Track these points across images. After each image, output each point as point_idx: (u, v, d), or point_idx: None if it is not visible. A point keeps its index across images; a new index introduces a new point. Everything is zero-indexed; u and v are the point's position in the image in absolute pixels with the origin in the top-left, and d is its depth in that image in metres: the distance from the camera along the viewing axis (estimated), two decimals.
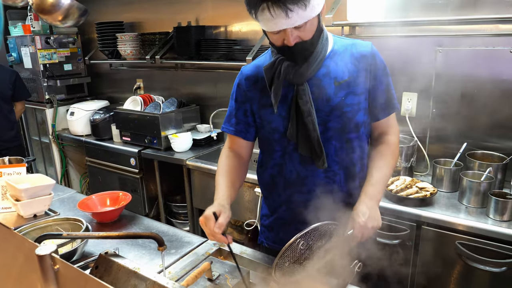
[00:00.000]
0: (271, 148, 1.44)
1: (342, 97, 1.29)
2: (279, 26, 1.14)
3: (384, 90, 1.34)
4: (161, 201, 3.21)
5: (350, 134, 1.33)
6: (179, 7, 3.30)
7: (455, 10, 2.08)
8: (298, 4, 1.09)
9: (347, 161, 1.36)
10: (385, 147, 1.38)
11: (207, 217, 1.25)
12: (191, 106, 3.32)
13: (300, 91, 1.28)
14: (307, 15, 1.13)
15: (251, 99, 1.41)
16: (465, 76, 2.12)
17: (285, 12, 1.09)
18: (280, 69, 1.27)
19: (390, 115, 1.38)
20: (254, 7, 1.13)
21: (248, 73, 1.42)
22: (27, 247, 0.88)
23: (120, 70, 3.98)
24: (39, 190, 1.75)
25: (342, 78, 1.29)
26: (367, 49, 1.31)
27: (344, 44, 1.33)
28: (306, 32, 1.18)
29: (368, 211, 1.24)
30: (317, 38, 1.24)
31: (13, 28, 3.95)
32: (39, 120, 4.17)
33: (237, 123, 1.46)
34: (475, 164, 2.03)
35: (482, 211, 1.85)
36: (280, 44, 1.22)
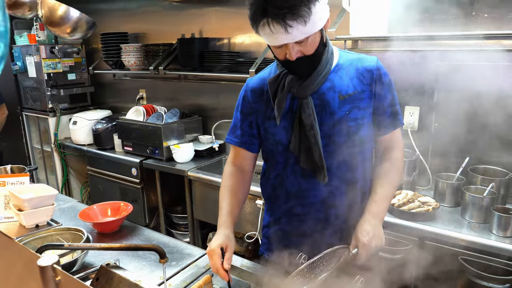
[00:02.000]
0: (274, 160, 1.44)
1: (346, 111, 1.29)
2: (280, 41, 1.15)
3: (389, 105, 1.34)
4: (162, 212, 3.20)
5: (354, 148, 1.32)
6: (183, 19, 3.34)
7: (457, 25, 2.09)
8: (297, 20, 1.10)
9: (349, 176, 1.35)
10: (389, 164, 1.37)
11: (214, 252, 1.29)
12: (194, 117, 3.33)
13: (304, 105, 1.28)
14: (307, 30, 1.13)
15: (256, 111, 1.42)
16: (467, 90, 2.12)
17: (284, 28, 1.10)
18: (284, 82, 1.28)
19: (394, 130, 1.37)
20: (256, 22, 1.15)
21: (254, 85, 1.43)
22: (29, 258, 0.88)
23: (123, 80, 4.01)
24: (42, 200, 1.75)
25: (346, 92, 1.30)
26: (372, 63, 1.32)
27: (349, 59, 1.34)
28: (307, 47, 1.19)
29: (372, 230, 1.24)
30: (320, 53, 1.25)
31: (19, 38, 3.99)
32: (41, 129, 4.18)
33: (242, 135, 1.46)
34: (477, 179, 2.02)
35: (485, 226, 1.83)
36: (282, 58, 1.23)
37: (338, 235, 1.38)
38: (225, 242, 1.32)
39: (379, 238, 1.26)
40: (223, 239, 1.32)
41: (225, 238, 1.33)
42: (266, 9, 1.10)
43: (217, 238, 1.33)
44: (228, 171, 1.50)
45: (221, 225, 1.38)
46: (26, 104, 4.18)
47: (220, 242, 1.31)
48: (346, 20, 2.27)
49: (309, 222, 1.39)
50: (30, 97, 4.08)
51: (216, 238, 1.34)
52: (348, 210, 1.37)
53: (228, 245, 1.32)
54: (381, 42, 2.33)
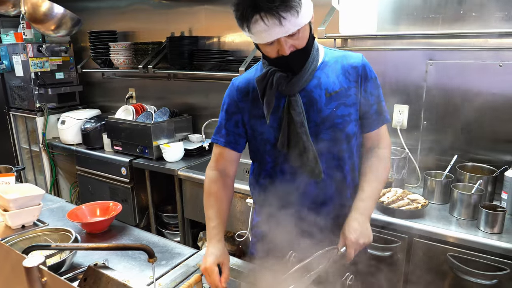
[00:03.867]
0: (262, 160, 1.44)
1: (333, 109, 1.30)
2: (273, 36, 1.14)
3: (374, 102, 1.34)
4: (152, 211, 3.18)
5: (341, 145, 1.33)
6: (173, 18, 3.32)
7: (446, 24, 2.11)
8: (291, 11, 1.10)
9: (338, 173, 1.36)
10: (376, 161, 1.38)
11: (211, 271, 1.29)
12: (183, 116, 3.32)
13: (293, 102, 1.28)
14: (299, 22, 1.13)
15: (242, 110, 1.41)
16: (455, 89, 2.15)
17: (278, 20, 1.09)
18: (272, 80, 1.27)
19: (380, 127, 1.38)
20: (247, 20, 1.13)
21: (240, 85, 1.42)
22: (14, 259, 0.86)
23: (112, 79, 3.97)
24: (28, 200, 1.72)
25: (333, 89, 1.30)
26: (358, 60, 1.32)
27: (335, 56, 1.34)
28: (300, 40, 1.19)
29: (359, 228, 1.25)
30: (311, 46, 1.24)
31: (5, 36, 3.92)
32: (29, 128, 4.13)
33: (227, 134, 1.45)
34: (465, 176, 2.04)
35: (472, 223, 1.86)
36: (274, 55, 1.22)
37: (330, 232, 1.38)
38: (221, 258, 1.32)
39: (367, 235, 1.27)
40: (217, 255, 1.32)
41: (220, 253, 1.33)
42: (257, 4, 1.09)
43: (211, 254, 1.33)
44: (211, 177, 1.48)
45: (213, 238, 1.37)
46: (14, 104, 4.11)
47: (215, 259, 1.31)
48: (335, 18, 2.27)
49: (300, 220, 1.38)
50: (17, 96, 4.02)
51: (211, 253, 1.33)
52: (339, 207, 1.38)
53: (224, 261, 1.33)
54: (370, 41, 2.35)
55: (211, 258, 1.31)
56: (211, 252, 1.33)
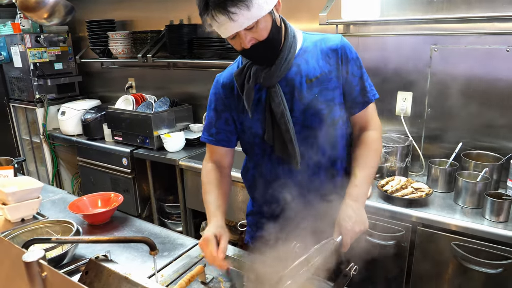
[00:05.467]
0: (252, 151, 1.45)
1: (315, 95, 1.28)
2: (229, 31, 1.13)
3: (357, 83, 1.32)
4: (154, 202, 3.17)
5: (328, 131, 1.31)
6: (171, 5, 3.26)
7: (451, 9, 2.06)
8: (238, 6, 1.07)
9: (326, 159, 1.35)
10: (366, 145, 1.36)
11: (208, 241, 1.27)
12: (184, 106, 3.29)
13: (272, 93, 1.27)
14: (253, 15, 1.10)
15: (229, 106, 1.40)
16: (460, 75, 2.11)
17: (227, 16, 1.08)
18: (250, 73, 1.26)
19: (365, 107, 1.35)
20: (203, 18, 1.15)
21: (224, 81, 1.41)
22: (14, 253, 0.85)
23: (111, 69, 3.93)
24: (26, 193, 1.70)
25: (314, 75, 1.28)
26: (336, 42, 1.29)
27: (313, 41, 1.32)
28: (259, 32, 1.16)
29: (354, 215, 1.23)
30: (276, 36, 1.21)
31: (3, 27, 3.88)
32: (29, 120, 4.11)
33: (218, 133, 1.45)
34: (470, 164, 2.02)
35: (477, 211, 1.84)
36: (240, 48, 1.21)
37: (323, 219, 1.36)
38: (219, 231, 1.30)
39: (362, 222, 1.24)
40: (216, 228, 1.31)
41: (218, 227, 1.32)
42: (207, 3, 1.10)
43: (209, 228, 1.32)
44: (207, 169, 1.49)
45: (212, 217, 1.37)
46: (13, 95, 4.09)
47: (213, 231, 1.29)
48: (337, 4, 2.22)
49: (290, 208, 1.37)
50: (16, 87, 3.99)
51: (209, 228, 1.32)
52: (330, 193, 1.35)
53: (222, 234, 1.30)
54: (373, 26, 2.30)
55: (208, 231, 1.30)
56: (209, 227, 1.33)
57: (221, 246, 1.27)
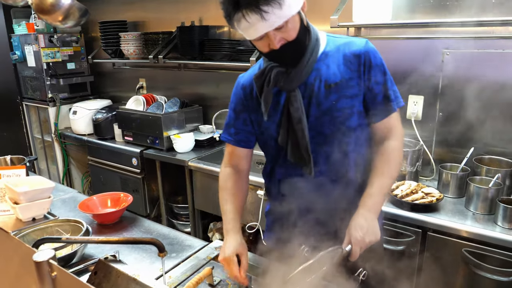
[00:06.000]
0: (268, 153, 1.45)
1: (333, 101, 1.25)
2: (259, 31, 1.11)
3: (380, 90, 1.27)
4: (163, 202, 3.19)
5: (344, 139, 1.28)
6: (183, 7, 3.28)
7: (464, 12, 2.04)
8: (271, 4, 1.05)
9: (340, 167, 1.32)
10: (386, 154, 1.32)
11: (230, 261, 1.30)
12: (194, 107, 3.30)
13: (291, 98, 1.25)
14: (284, 14, 1.09)
15: (248, 107, 1.40)
16: (473, 79, 2.08)
17: (260, 14, 1.06)
18: (270, 77, 1.24)
19: (388, 117, 1.31)
20: (231, 19, 1.12)
21: (244, 82, 1.41)
22: (25, 252, 0.86)
23: (123, 70, 3.96)
24: (38, 193, 1.72)
25: (333, 81, 1.25)
26: (360, 47, 1.25)
27: (337, 45, 1.28)
28: (289, 32, 1.14)
29: (366, 225, 1.21)
30: (303, 36, 1.19)
31: (17, 27, 3.94)
32: (41, 119, 4.16)
33: (237, 133, 1.45)
34: (482, 169, 1.99)
35: (489, 218, 1.81)
36: (267, 50, 1.19)
37: (333, 226, 1.35)
38: (240, 249, 1.32)
39: (374, 233, 1.22)
40: (236, 246, 1.33)
41: (238, 244, 1.34)
42: (237, 2, 1.08)
43: (230, 245, 1.33)
44: (225, 174, 1.49)
45: (230, 230, 1.37)
46: (26, 94, 4.15)
47: (234, 250, 1.31)
48: (348, 6, 2.21)
49: (302, 213, 1.36)
50: (29, 86, 4.05)
51: (229, 244, 1.33)
52: (342, 201, 1.33)
53: (243, 252, 1.32)
54: (385, 29, 2.28)
55: (229, 249, 1.31)
56: (229, 243, 1.34)
57: (242, 264, 1.30)
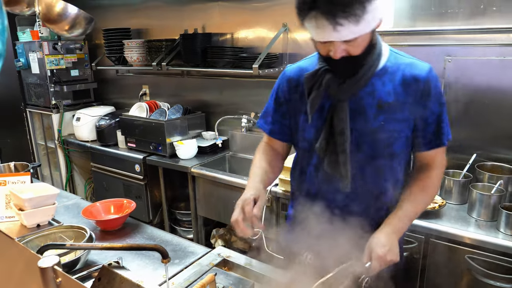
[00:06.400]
0: (299, 154, 1.40)
1: (381, 122, 1.20)
2: (326, 37, 1.05)
3: (434, 121, 1.23)
4: (165, 208, 3.19)
5: (384, 161, 1.25)
6: (186, 14, 3.31)
7: (465, 19, 2.05)
8: (349, 19, 0.98)
9: (373, 187, 1.28)
10: (425, 182, 1.28)
11: (246, 200, 1.21)
12: (197, 113, 3.32)
13: (338, 108, 1.19)
14: (359, 30, 1.02)
15: (290, 101, 1.34)
16: (475, 86, 2.09)
17: (332, 25, 1.00)
18: (322, 81, 1.18)
19: (436, 149, 1.27)
20: (302, 12, 1.04)
21: (291, 75, 1.35)
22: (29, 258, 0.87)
23: (126, 76, 3.99)
24: (43, 200, 1.73)
25: (386, 100, 1.19)
26: (422, 73, 1.19)
27: (398, 63, 1.22)
28: (355, 47, 1.08)
29: (388, 244, 1.18)
30: (366, 54, 1.14)
31: (22, 34, 3.97)
32: (45, 125, 4.18)
33: (273, 123, 1.41)
34: (485, 176, 1.99)
35: (492, 224, 1.81)
36: (325, 54, 1.13)
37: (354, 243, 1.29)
38: (257, 193, 1.25)
39: (395, 253, 1.19)
40: (254, 190, 1.26)
41: (256, 189, 1.27)
42: (315, 2, 0.99)
43: (249, 190, 1.27)
44: (262, 149, 1.45)
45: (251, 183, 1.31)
46: (30, 101, 4.17)
47: (253, 193, 1.24)
48: None
49: (325, 224, 1.31)
50: (33, 93, 4.07)
51: (248, 190, 1.27)
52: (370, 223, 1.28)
53: (260, 196, 1.25)
54: (386, 37, 2.30)
55: (248, 192, 1.25)
56: (248, 190, 1.27)
57: (258, 203, 1.22)
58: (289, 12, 2.68)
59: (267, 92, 1.47)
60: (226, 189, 2.62)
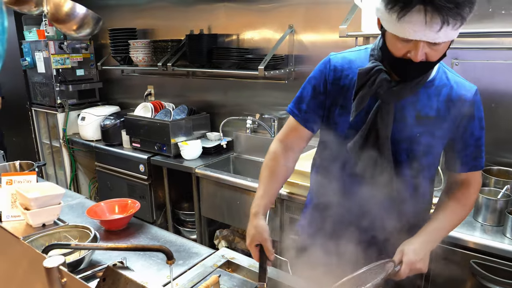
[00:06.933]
0: (325, 149, 1.35)
1: (417, 134, 1.19)
2: (418, 36, 0.98)
3: (472, 144, 1.23)
4: (169, 209, 3.19)
5: (407, 171, 1.23)
6: (192, 15, 3.31)
7: (473, 22, 2.03)
8: (456, 19, 0.95)
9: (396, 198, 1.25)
10: (461, 197, 1.29)
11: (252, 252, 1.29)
12: (202, 114, 3.32)
13: (384, 110, 1.16)
14: (453, 34, 1.00)
15: (331, 92, 1.28)
16: (482, 89, 2.04)
17: (441, 23, 0.95)
18: (375, 79, 1.14)
19: (472, 172, 1.27)
20: (407, 6, 0.95)
21: (337, 64, 1.27)
22: (35, 258, 0.86)
23: (131, 76, 4.00)
24: (48, 199, 1.73)
25: (426, 114, 1.18)
26: (469, 94, 1.19)
27: (445, 78, 1.21)
28: (437, 52, 1.04)
29: (422, 253, 1.18)
30: (438, 62, 1.11)
31: (28, 33, 3.99)
32: (50, 124, 4.20)
33: (306, 112, 1.32)
34: (491, 180, 1.97)
35: (498, 229, 1.79)
36: (400, 54, 1.06)
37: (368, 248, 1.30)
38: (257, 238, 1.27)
39: (425, 264, 1.19)
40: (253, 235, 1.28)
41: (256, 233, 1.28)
42: None
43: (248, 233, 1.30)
44: (274, 150, 1.39)
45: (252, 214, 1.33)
46: (35, 100, 4.19)
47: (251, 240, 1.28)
48: (357, 16, 2.22)
49: (341, 225, 1.30)
50: (39, 92, 4.09)
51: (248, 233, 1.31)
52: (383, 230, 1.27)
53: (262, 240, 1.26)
54: None
55: (248, 239, 1.29)
56: (248, 230, 1.31)
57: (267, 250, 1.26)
58: (295, 13, 2.70)
59: (273, 93, 1.45)
60: (230, 190, 2.62)
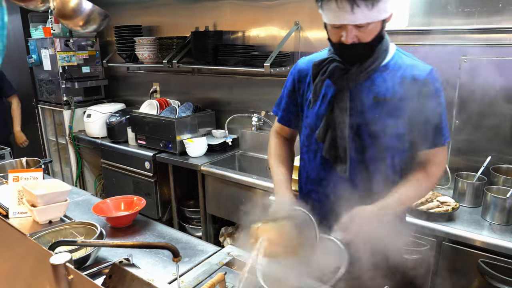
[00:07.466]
0: (301, 141, 1.48)
1: (376, 115, 1.25)
2: (341, 20, 1.12)
3: (432, 121, 1.26)
4: (174, 206, 3.20)
5: (374, 154, 1.28)
6: (197, 12, 3.31)
7: (482, 18, 2.01)
8: (366, 2, 1.07)
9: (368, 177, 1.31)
10: (422, 175, 1.31)
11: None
12: (207, 111, 3.31)
13: (339, 96, 1.26)
14: (372, 15, 1.10)
15: (299, 90, 1.43)
16: (490, 86, 2.05)
17: (350, 5, 1.07)
18: (327, 68, 1.25)
19: (434, 148, 1.30)
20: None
21: (302, 66, 1.44)
22: (41, 254, 0.86)
23: (137, 74, 4.00)
24: (55, 196, 1.74)
25: (383, 96, 1.25)
26: (422, 74, 1.24)
27: (401, 62, 1.28)
28: (366, 33, 1.15)
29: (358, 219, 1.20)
30: (375, 43, 1.20)
31: (34, 31, 4.01)
32: (56, 121, 4.22)
33: (284, 110, 1.51)
34: (500, 179, 1.95)
35: (507, 228, 1.77)
36: (336, 40, 1.19)
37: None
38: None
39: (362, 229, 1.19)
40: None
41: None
42: None
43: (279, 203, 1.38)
44: (274, 143, 1.56)
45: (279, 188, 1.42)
46: (42, 97, 4.21)
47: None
48: None
49: (323, 209, 1.37)
50: (45, 90, 4.11)
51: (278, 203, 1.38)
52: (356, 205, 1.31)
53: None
54: (401, 36, 2.26)
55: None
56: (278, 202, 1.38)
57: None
58: (301, 10, 2.68)
59: (278, 90, 1.52)
60: (235, 187, 2.62)
